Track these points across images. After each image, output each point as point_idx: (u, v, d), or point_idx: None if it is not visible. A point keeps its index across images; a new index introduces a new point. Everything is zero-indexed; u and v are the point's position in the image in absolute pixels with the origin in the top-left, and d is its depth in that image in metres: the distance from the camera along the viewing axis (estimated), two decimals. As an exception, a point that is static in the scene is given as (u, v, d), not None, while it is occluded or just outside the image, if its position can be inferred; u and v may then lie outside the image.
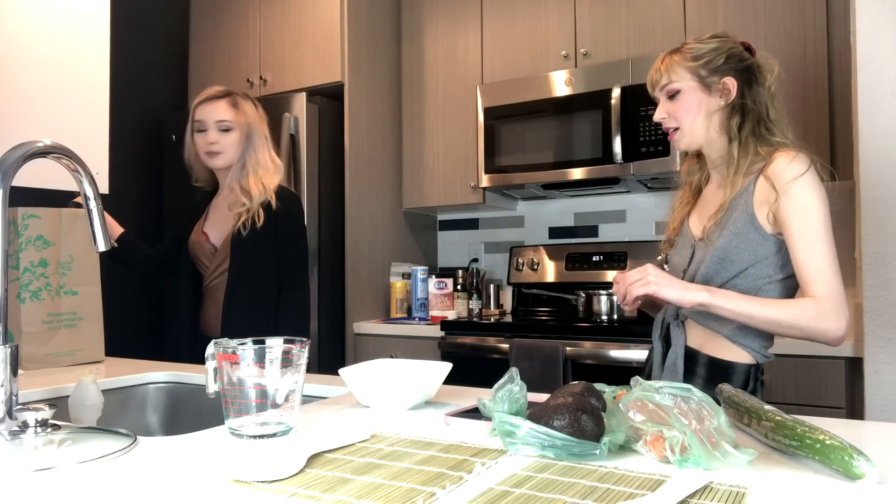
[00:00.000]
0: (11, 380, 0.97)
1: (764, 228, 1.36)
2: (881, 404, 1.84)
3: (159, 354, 1.98)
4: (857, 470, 0.72)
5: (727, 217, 1.39)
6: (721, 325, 1.38)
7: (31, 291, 1.62)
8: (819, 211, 1.31)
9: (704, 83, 1.43)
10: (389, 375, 1.19)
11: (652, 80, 1.49)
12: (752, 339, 1.38)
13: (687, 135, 1.45)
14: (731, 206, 1.39)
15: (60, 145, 1.04)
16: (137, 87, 3.25)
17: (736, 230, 1.37)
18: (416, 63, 3.26)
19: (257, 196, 1.97)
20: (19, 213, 1.61)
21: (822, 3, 2.37)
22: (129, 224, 2.17)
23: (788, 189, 1.31)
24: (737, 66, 1.43)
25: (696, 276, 1.42)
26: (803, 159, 1.32)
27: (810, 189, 1.31)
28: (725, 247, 1.37)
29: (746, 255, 1.36)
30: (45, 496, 0.71)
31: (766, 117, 1.42)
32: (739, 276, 1.37)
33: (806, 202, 1.31)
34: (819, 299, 1.26)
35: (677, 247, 1.54)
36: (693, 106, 1.43)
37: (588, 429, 0.82)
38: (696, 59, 1.43)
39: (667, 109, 1.46)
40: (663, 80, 1.46)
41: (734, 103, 1.42)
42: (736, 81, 1.42)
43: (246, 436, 0.94)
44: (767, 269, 1.36)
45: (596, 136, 2.69)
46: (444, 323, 2.77)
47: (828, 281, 1.27)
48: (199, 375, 1.56)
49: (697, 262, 1.43)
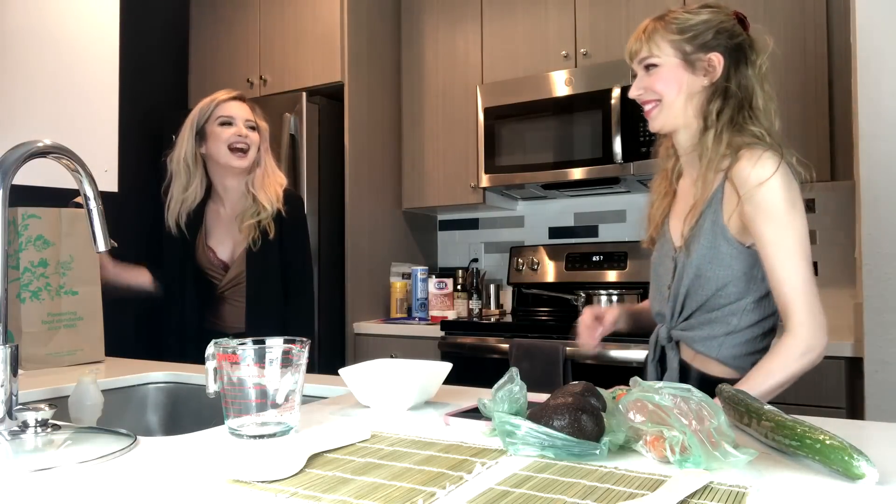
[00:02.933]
0: (11, 380, 0.97)
1: (737, 240, 1.26)
2: (881, 404, 1.83)
3: (160, 354, 1.98)
4: (857, 470, 0.72)
5: (699, 226, 1.29)
6: (709, 348, 1.31)
7: (31, 291, 1.62)
8: (789, 217, 1.19)
9: (688, 59, 1.30)
10: (389, 375, 1.19)
11: (631, 49, 1.36)
12: (742, 360, 1.30)
13: (666, 110, 1.32)
14: (704, 211, 1.29)
15: (60, 145, 1.04)
16: (138, 87, 3.24)
17: (708, 244, 1.28)
18: (416, 63, 3.26)
19: (269, 206, 1.94)
20: (19, 213, 1.61)
21: (822, 3, 2.37)
22: (130, 224, 2.17)
23: (753, 195, 1.20)
24: (727, 42, 1.29)
25: (676, 299, 1.35)
26: (770, 160, 1.20)
27: (779, 194, 1.19)
28: (699, 263, 1.29)
29: (721, 270, 1.27)
30: (45, 496, 0.71)
31: (749, 104, 1.29)
32: (719, 294, 1.28)
33: (774, 210, 1.19)
34: (795, 334, 1.18)
35: (660, 252, 1.44)
36: (672, 81, 1.30)
37: (588, 429, 0.82)
38: (682, 33, 1.29)
39: (644, 83, 1.34)
40: (643, 52, 1.33)
41: (717, 84, 1.29)
42: (723, 59, 1.28)
43: (246, 436, 0.94)
44: (748, 284, 1.27)
45: (596, 136, 2.69)
46: (444, 323, 2.77)
47: (802, 300, 1.18)
48: (199, 375, 1.56)
49: (678, 278, 1.34)
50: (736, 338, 1.30)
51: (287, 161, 2.85)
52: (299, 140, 2.88)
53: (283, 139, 2.85)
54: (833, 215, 2.58)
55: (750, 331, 1.30)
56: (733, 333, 1.30)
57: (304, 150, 2.87)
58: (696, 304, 1.32)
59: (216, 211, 2.05)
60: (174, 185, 2.03)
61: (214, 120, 1.97)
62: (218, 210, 2.05)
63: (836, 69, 2.34)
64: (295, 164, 2.88)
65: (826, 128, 2.34)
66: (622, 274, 2.92)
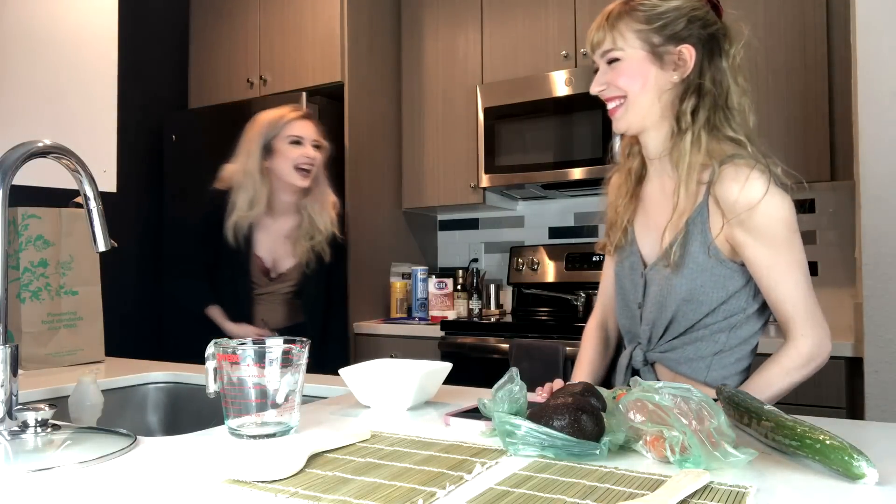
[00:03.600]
0: (11, 380, 0.97)
1: (730, 259, 1.17)
2: (881, 404, 1.83)
3: (161, 354, 1.98)
4: (857, 470, 0.72)
5: (687, 244, 1.17)
6: (695, 370, 1.22)
7: (30, 291, 1.62)
8: (786, 237, 1.12)
9: (656, 52, 1.16)
10: (389, 375, 1.19)
11: (592, 39, 1.22)
12: (730, 380, 1.23)
13: (631, 108, 1.19)
14: (688, 228, 1.17)
15: (60, 145, 1.04)
16: (138, 87, 3.24)
17: (698, 266, 1.17)
18: (416, 63, 3.26)
19: (324, 230, 2.00)
20: (19, 213, 1.61)
21: (822, 3, 2.37)
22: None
23: (745, 221, 1.11)
24: (699, 32, 1.16)
25: (656, 321, 1.23)
26: (758, 180, 1.10)
27: (773, 216, 1.11)
28: (691, 287, 1.17)
29: (716, 292, 1.17)
30: (45, 496, 0.71)
31: (724, 103, 1.17)
32: (709, 316, 1.19)
33: (769, 231, 1.11)
34: (798, 346, 1.14)
35: (624, 264, 1.31)
36: (637, 75, 1.17)
37: (588, 429, 0.82)
38: (650, 21, 1.16)
39: (606, 78, 1.20)
40: (606, 44, 1.20)
41: (690, 80, 1.16)
42: (695, 52, 1.15)
43: (246, 436, 0.94)
44: (740, 301, 1.19)
45: (596, 136, 2.68)
46: (444, 323, 2.77)
47: (804, 314, 1.13)
48: (199, 375, 1.56)
49: (655, 301, 1.23)
50: (724, 358, 1.22)
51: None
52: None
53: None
54: (833, 215, 2.58)
55: (739, 349, 1.22)
56: (722, 353, 1.21)
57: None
58: (684, 327, 1.22)
59: (267, 222, 2.09)
60: (238, 197, 2.04)
61: (284, 138, 2.02)
62: (269, 222, 2.09)
63: (836, 69, 2.34)
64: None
65: (826, 128, 2.34)
66: (622, 274, 2.91)
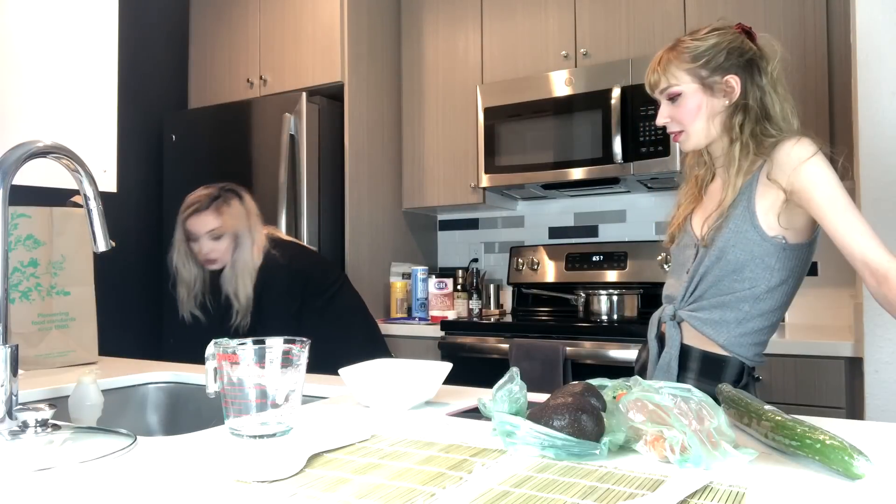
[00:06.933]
0: (11, 380, 0.97)
1: (763, 229, 1.33)
2: (881, 404, 1.83)
3: (160, 354, 1.98)
4: (856, 470, 0.72)
5: (726, 219, 1.36)
6: (717, 333, 1.37)
7: (20, 292, 1.59)
8: (837, 184, 1.25)
9: (706, 84, 1.37)
10: (389, 375, 1.19)
11: (650, 81, 1.44)
12: (746, 349, 1.37)
13: (693, 137, 1.41)
14: (732, 207, 1.36)
15: (60, 145, 1.04)
16: (138, 87, 3.24)
17: (735, 228, 1.34)
18: (416, 63, 3.26)
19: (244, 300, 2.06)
20: (8, 212, 1.60)
21: (822, 3, 2.37)
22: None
23: (800, 173, 1.27)
24: (738, 61, 1.37)
25: (695, 275, 1.41)
26: (808, 143, 1.29)
27: (821, 168, 1.26)
28: (723, 245, 1.35)
29: (742, 253, 1.33)
30: (45, 496, 0.71)
31: (766, 114, 1.37)
32: (736, 276, 1.35)
33: (821, 179, 1.26)
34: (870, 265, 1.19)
35: (680, 244, 1.51)
36: (695, 109, 1.38)
37: (588, 429, 0.82)
38: (695, 60, 1.37)
39: (669, 113, 1.42)
40: (662, 84, 1.41)
41: (737, 102, 1.37)
42: (739, 79, 1.36)
43: (246, 436, 0.94)
44: (764, 271, 1.33)
45: (596, 136, 2.68)
46: (444, 323, 2.77)
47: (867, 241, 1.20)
48: (199, 375, 1.56)
49: (698, 261, 1.41)
50: (744, 326, 1.36)
51: (287, 161, 2.85)
52: (299, 140, 2.87)
53: (283, 139, 2.85)
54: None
55: (759, 320, 1.36)
56: (743, 322, 1.36)
57: (304, 150, 2.87)
58: (710, 284, 1.37)
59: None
60: (179, 291, 2.16)
61: (185, 236, 2.09)
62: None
63: (836, 69, 2.34)
64: (295, 165, 2.88)
65: (826, 128, 2.34)
66: (622, 274, 2.92)
